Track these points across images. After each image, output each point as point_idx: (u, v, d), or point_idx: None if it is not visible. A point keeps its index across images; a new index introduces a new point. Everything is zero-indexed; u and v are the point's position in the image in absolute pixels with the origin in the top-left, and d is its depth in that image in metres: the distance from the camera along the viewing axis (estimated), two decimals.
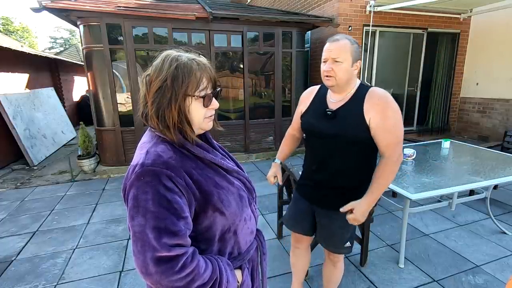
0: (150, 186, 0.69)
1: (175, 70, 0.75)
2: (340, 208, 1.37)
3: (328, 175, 1.43)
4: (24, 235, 2.86)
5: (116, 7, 3.98)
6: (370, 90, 1.34)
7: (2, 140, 4.98)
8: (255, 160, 5.27)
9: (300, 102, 1.60)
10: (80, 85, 10.26)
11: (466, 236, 2.63)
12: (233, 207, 0.82)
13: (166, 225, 0.68)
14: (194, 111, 0.79)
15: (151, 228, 0.67)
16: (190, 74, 0.76)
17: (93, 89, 4.42)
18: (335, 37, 1.33)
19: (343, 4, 5.12)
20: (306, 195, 1.56)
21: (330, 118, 1.37)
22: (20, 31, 23.48)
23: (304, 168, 1.60)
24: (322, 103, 1.44)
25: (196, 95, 0.78)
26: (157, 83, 0.75)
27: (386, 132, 1.28)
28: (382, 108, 1.28)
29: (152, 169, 0.71)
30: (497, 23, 5.63)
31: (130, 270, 2.29)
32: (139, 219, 0.68)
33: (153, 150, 0.75)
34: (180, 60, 0.76)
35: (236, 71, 5.01)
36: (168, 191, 0.70)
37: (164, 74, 0.75)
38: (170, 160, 0.73)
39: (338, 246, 1.51)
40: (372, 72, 5.76)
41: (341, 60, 1.29)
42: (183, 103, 0.76)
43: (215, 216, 0.79)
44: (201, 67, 0.78)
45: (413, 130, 6.40)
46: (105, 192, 3.89)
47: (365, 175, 1.41)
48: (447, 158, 2.81)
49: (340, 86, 1.35)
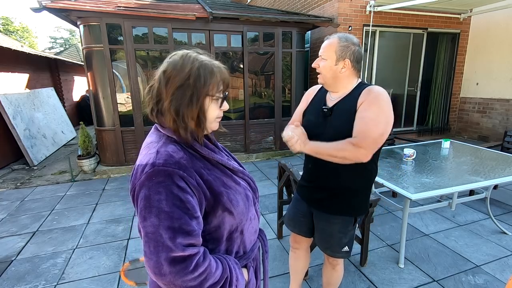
0: (163, 186, 0.69)
1: (198, 70, 0.76)
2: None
3: (324, 174, 1.42)
4: (24, 235, 2.86)
5: (116, 7, 3.98)
6: (369, 87, 1.32)
7: (2, 140, 4.98)
8: (255, 160, 5.27)
9: (302, 99, 1.60)
10: (80, 85, 10.26)
11: (466, 236, 2.63)
12: (241, 207, 0.83)
13: (181, 225, 0.68)
14: (211, 111, 0.81)
15: (166, 228, 0.67)
16: (212, 75, 0.78)
17: (93, 89, 4.42)
18: (331, 35, 1.35)
19: (343, 4, 5.12)
20: (305, 196, 1.56)
21: (326, 115, 1.37)
22: (20, 31, 23.49)
23: (304, 167, 1.59)
24: (321, 101, 1.44)
25: (216, 96, 0.80)
26: (178, 80, 0.75)
27: (361, 121, 1.23)
28: (370, 102, 1.24)
29: (164, 169, 0.70)
30: (497, 23, 5.64)
31: (130, 270, 2.29)
32: (152, 220, 0.68)
33: (164, 150, 0.74)
34: (201, 60, 0.78)
35: (236, 71, 5.01)
36: (181, 191, 0.70)
37: (187, 72, 0.75)
38: (181, 160, 0.73)
39: (335, 250, 1.49)
40: (372, 72, 5.76)
41: (325, 57, 1.31)
42: (203, 102, 0.78)
43: (224, 216, 0.80)
44: (220, 69, 0.81)
45: (413, 130, 6.41)
46: (105, 192, 3.89)
47: (361, 176, 1.39)
48: (447, 158, 2.81)
49: (328, 84, 1.36)
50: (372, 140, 1.20)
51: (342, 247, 1.47)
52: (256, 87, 5.25)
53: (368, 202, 1.50)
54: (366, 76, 5.67)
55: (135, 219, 3.12)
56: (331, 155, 1.25)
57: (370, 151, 1.21)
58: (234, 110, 5.16)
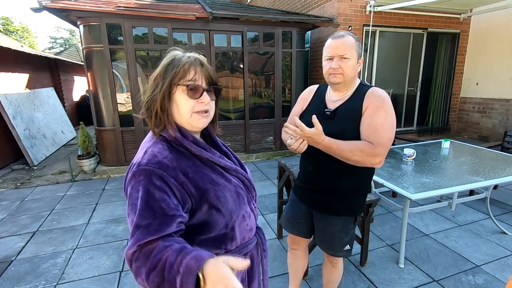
0: (142, 184, 0.73)
1: (170, 62, 0.82)
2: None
3: (325, 177, 1.41)
4: (24, 235, 2.86)
5: (116, 7, 3.98)
6: (371, 89, 1.32)
7: (2, 140, 4.98)
8: (255, 160, 5.27)
9: (298, 101, 1.56)
10: (80, 85, 10.26)
11: (466, 236, 2.63)
12: (230, 204, 0.84)
13: (148, 223, 0.70)
14: (180, 101, 0.82)
15: (136, 225, 0.70)
16: (179, 65, 0.80)
17: (93, 89, 4.42)
18: (339, 33, 1.30)
19: (343, 4, 5.12)
20: (305, 198, 1.53)
21: (329, 118, 1.34)
22: (20, 31, 23.48)
23: (301, 169, 1.56)
24: (321, 103, 1.42)
25: (181, 84, 0.80)
26: (153, 76, 0.83)
27: (370, 126, 1.24)
28: (377, 106, 1.25)
29: (145, 168, 0.75)
30: (497, 23, 5.63)
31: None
32: (132, 216, 0.72)
33: (151, 150, 0.79)
34: (176, 55, 0.83)
35: (236, 71, 5.01)
36: (157, 190, 0.73)
37: (160, 68, 0.82)
38: (164, 160, 0.77)
39: (337, 250, 1.49)
40: (372, 72, 5.76)
41: (348, 56, 1.26)
42: (167, 90, 0.80)
43: (212, 212, 0.81)
44: (192, 60, 0.82)
45: (413, 130, 6.41)
46: (105, 192, 3.89)
47: (361, 178, 1.39)
48: (447, 158, 2.81)
49: (346, 84, 1.33)
50: (386, 147, 1.24)
51: (344, 246, 1.48)
52: (256, 87, 5.25)
53: (365, 201, 1.51)
54: (366, 76, 5.67)
55: None
56: (344, 156, 1.24)
57: (384, 157, 1.25)
58: (234, 110, 5.16)
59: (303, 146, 1.24)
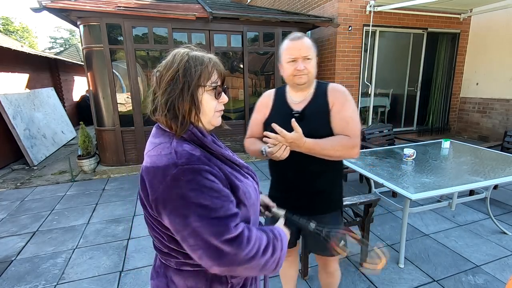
0: (195, 183, 0.71)
1: (187, 62, 0.78)
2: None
3: (306, 179, 1.38)
4: (24, 235, 2.86)
5: (116, 7, 3.98)
6: (331, 85, 1.37)
7: (2, 140, 4.98)
8: (255, 160, 5.27)
9: (258, 109, 1.49)
10: (80, 85, 10.27)
11: (466, 236, 2.63)
12: (252, 199, 0.86)
13: (225, 212, 0.72)
14: (206, 102, 0.81)
15: (213, 218, 0.70)
16: (202, 65, 0.79)
17: (93, 89, 4.42)
18: (296, 35, 1.30)
19: (343, 4, 5.12)
20: (285, 207, 1.33)
21: (298, 120, 1.28)
22: (20, 31, 23.49)
23: (275, 178, 1.50)
24: (285, 106, 1.40)
25: (208, 85, 0.80)
26: (169, 75, 0.77)
27: (343, 120, 1.30)
28: (343, 101, 1.32)
29: (190, 167, 0.72)
30: (497, 23, 5.64)
31: (130, 270, 2.29)
32: (196, 215, 0.70)
33: (181, 149, 0.75)
34: (191, 53, 0.80)
35: (236, 71, 5.01)
36: (213, 183, 0.73)
37: (176, 66, 0.77)
38: (201, 157, 0.76)
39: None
40: (372, 72, 5.76)
41: (310, 57, 1.29)
42: (196, 92, 0.78)
43: (240, 208, 0.82)
44: (212, 60, 0.82)
45: (413, 130, 6.41)
46: (105, 192, 3.89)
47: (337, 169, 1.42)
48: (447, 158, 2.81)
49: (310, 83, 1.35)
50: (359, 138, 1.31)
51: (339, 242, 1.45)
52: (256, 87, 5.25)
53: (343, 189, 1.54)
54: (366, 76, 5.67)
55: (135, 219, 3.12)
56: (327, 154, 1.27)
57: (359, 147, 1.32)
58: (234, 110, 5.16)
59: (286, 152, 1.22)
